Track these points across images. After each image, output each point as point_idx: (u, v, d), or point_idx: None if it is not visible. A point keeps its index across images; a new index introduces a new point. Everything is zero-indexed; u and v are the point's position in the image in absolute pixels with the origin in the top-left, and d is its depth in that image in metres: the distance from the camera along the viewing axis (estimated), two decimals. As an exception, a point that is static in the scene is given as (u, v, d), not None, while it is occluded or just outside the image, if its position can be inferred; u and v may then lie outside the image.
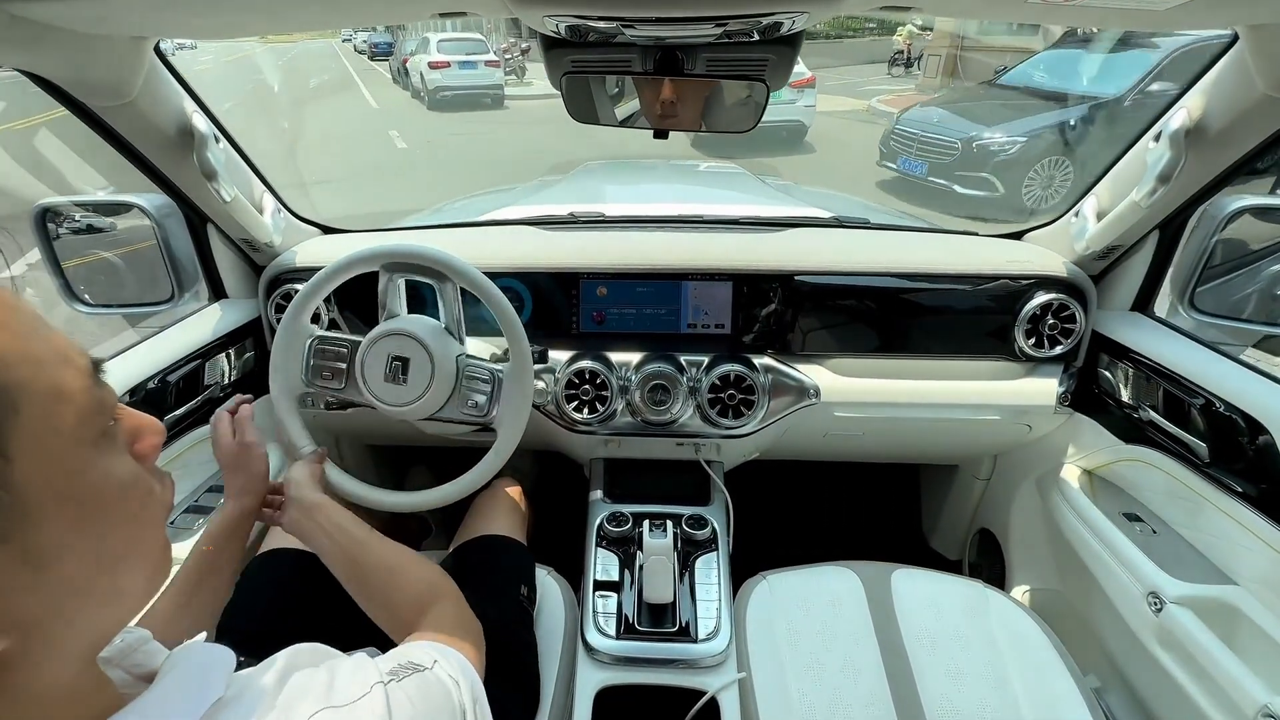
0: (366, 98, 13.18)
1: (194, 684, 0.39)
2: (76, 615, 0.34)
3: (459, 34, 12.42)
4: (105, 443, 0.36)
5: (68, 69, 0.83)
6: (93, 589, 0.35)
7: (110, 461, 0.36)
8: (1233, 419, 0.97)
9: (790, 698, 0.95)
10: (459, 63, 11.54)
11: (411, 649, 0.54)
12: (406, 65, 13.08)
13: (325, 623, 0.95)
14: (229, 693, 0.40)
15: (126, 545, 0.37)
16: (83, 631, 0.35)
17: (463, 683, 0.52)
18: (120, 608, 0.38)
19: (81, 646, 0.36)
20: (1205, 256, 1.11)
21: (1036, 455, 1.41)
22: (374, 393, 1.00)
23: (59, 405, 0.32)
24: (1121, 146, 1.12)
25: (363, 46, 19.94)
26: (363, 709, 0.41)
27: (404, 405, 1.00)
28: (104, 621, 0.37)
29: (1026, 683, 0.97)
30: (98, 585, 0.35)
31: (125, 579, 0.37)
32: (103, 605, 0.36)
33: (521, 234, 1.42)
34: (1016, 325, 1.25)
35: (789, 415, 1.30)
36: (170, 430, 1.12)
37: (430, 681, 0.49)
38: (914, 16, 1.26)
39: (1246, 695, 0.83)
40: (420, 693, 0.46)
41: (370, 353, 1.00)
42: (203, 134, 1.01)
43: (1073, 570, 1.23)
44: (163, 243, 1.19)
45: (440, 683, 0.49)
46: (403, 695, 0.44)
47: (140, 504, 0.38)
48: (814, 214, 1.58)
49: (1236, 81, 0.87)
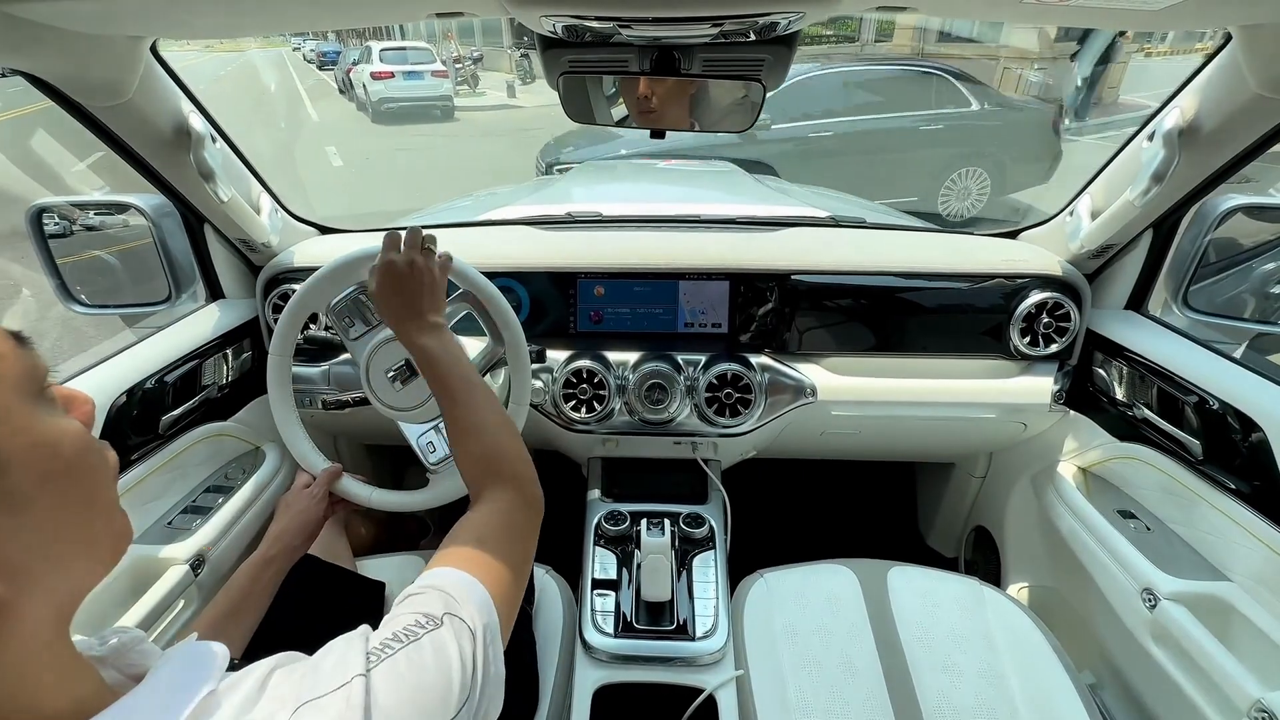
0: (308, 110, 12.37)
1: (185, 679, 0.39)
2: (56, 562, 0.36)
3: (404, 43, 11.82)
4: (46, 403, 0.37)
5: (64, 69, 0.83)
6: (65, 536, 0.36)
7: (58, 419, 0.38)
8: (1226, 416, 0.98)
9: (787, 695, 0.96)
10: (403, 73, 11.06)
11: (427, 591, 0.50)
12: (350, 76, 12.50)
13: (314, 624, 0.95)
14: (221, 686, 0.39)
15: (89, 503, 0.38)
16: (60, 583, 0.36)
17: (477, 630, 0.48)
18: (87, 567, 0.39)
19: (59, 598, 0.37)
20: (1198, 255, 1.11)
21: (1032, 453, 1.42)
22: (382, 399, 1.01)
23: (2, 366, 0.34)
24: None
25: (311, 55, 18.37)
26: (339, 699, 0.39)
27: (401, 410, 1.00)
28: (73, 579, 0.38)
29: (1022, 679, 0.97)
30: (69, 533, 0.36)
31: (92, 535, 0.38)
32: (72, 562, 0.37)
33: (519, 234, 1.42)
34: (1012, 324, 1.26)
35: (786, 414, 1.30)
36: (167, 431, 1.12)
37: (424, 651, 0.44)
38: (909, 16, 1.27)
39: (1240, 690, 0.84)
40: (412, 667, 0.43)
41: (380, 352, 1.00)
42: (199, 134, 1.01)
43: (1068, 567, 1.24)
44: (159, 243, 1.19)
45: (440, 648, 0.45)
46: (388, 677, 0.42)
47: (96, 463, 0.39)
48: (810, 213, 1.59)
49: (1229, 81, 0.87)
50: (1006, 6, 0.88)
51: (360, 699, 0.39)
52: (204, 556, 1.06)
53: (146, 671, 0.40)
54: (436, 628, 0.46)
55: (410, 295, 0.83)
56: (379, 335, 1.00)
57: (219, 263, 1.29)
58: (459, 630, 0.47)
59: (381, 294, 0.84)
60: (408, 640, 0.45)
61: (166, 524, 1.09)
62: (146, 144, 1.01)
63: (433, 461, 1.05)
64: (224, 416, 1.28)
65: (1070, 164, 5.54)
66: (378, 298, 0.85)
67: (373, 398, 1.02)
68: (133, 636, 0.44)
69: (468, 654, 0.46)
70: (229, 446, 1.29)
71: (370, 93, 11.15)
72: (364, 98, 11.52)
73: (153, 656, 0.43)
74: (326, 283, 1.02)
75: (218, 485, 1.22)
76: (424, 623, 0.46)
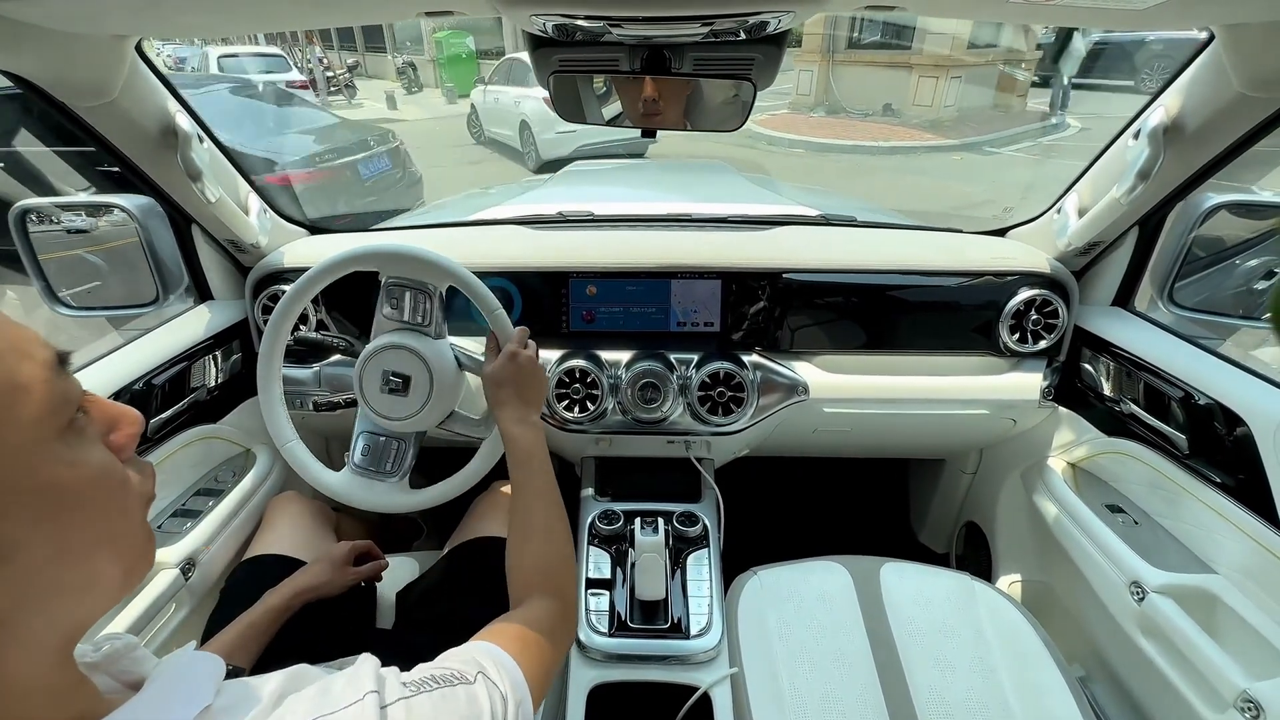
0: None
1: (182, 690, 0.39)
2: (44, 608, 0.34)
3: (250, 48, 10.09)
4: (71, 436, 0.35)
5: (47, 69, 0.82)
6: (60, 581, 0.34)
7: (76, 454, 0.35)
8: (1211, 411, 0.99)
9: (782, 691, 0.96)
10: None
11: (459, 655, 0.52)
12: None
13: (308, 628, 0.94)
14: (219, 701, 0.39)
15: (97, 537, 0.36)
16: (53, 624, 0.35)
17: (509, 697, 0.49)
18: (94, 599, 0.37)
19: (55, 639, 0.36)
20: (1183, 252, 1.13)
21: (1021, 449, 1.43)
22: (373, 406, 1.00)
23: (15, 398, 0.32)
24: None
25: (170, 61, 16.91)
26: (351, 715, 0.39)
27: (401, 419, 1.00)
28: (76, 613, 0.37)
29: (1013, 673, 0.98)
30: (66, 578, 0.35)
31: (98, 569, 0.37)
32: (73, 597, 0.36)
33: (510, 233, 1.42)
34: (1001, 321, 1.27)
35: (778, 412, 1.31)
36: (156, 434, 1.11)
37: (458, 698, 0.46)
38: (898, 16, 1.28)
39: (1226, 681, 0.85)
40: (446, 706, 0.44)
41: (368, 367, 0.99)
42: (186, 133, 1.00)
43: (1057, 561, 1.25)
44: (146, 244, 1.17)
45: (473, 700, 0.46)
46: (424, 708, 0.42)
47: (110, 496, 0.37)
48: (801, 212, 1.59)
49: (1212, 80, 0.89)
50: (993, 6, 0.89)
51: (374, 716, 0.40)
52: (194, 560, 1.05)
53: (140, 678, 0.40)
54: (470, 683, 0.48)
55: (525, 389, 0.90)
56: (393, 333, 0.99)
57: (207, 264, 1.28)
58: (492, 690, 0.49)
59: (499, 380, 0.90)
60: (444, 684, 0.46)
61: (156, 527, 1.08)
62: (133, 144, 1.00)
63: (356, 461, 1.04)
64: (214, 419, 1.27)
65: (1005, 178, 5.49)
66: (494, 383, 0.90)
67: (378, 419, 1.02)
68: (126, 643, 0.44)
69: (499, 712, 0.47)
70: (219, 449, 1.28)
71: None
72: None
73: (147, 663, 0.43)
74: (317, 283, 1.01)
75: (208, 488, 1.21)
76: (460, 674, 0.48)
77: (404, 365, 0.98)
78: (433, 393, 0.98)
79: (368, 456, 1.04)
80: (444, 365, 1.00)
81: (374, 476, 1.03)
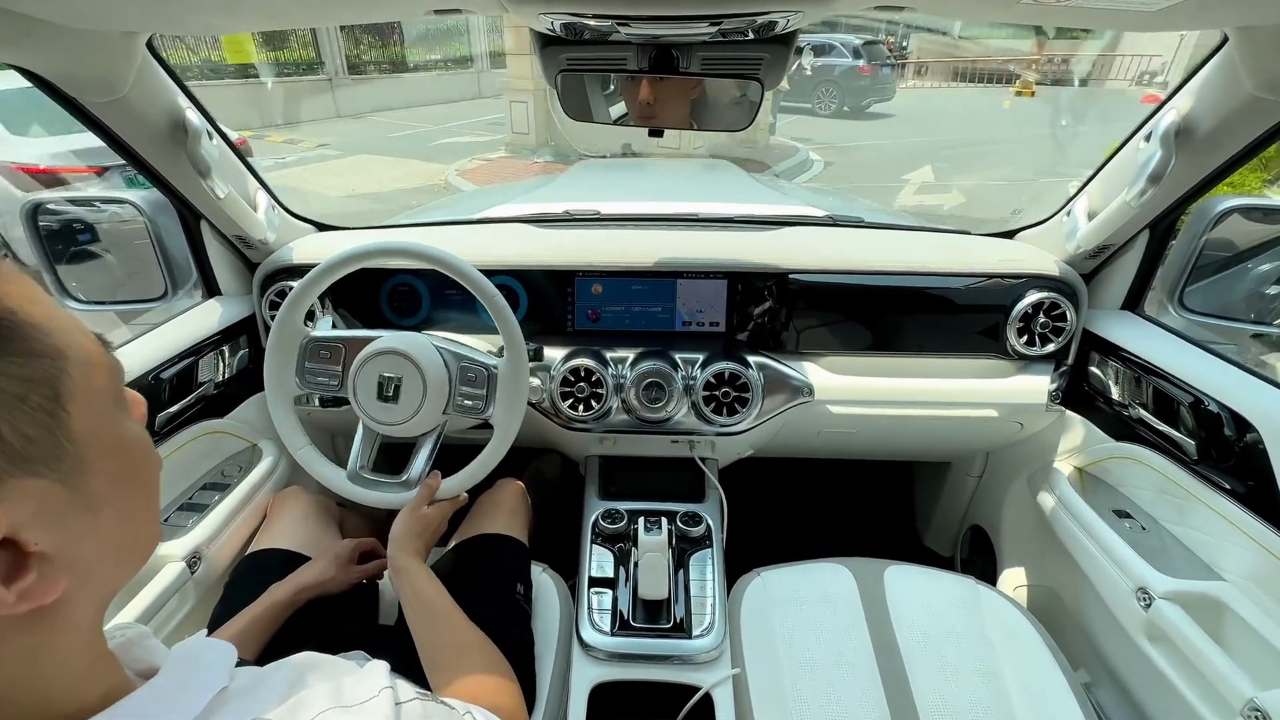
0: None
1: (199, 673, 0.40)
2: (110, 561, 0.37)
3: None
4: (123, 405, 0.39)
5: (59, 64, 0.83)
6: (121, 538, 0.38)
7: (130, 423, 0.39)
8: (1221, 417, 0.99)
9: (784, 693, 0.96)
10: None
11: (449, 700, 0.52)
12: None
13: (312, 623, 0.95)
14: (234, 684, 0.41)
15: (144, 501, 0.40)
16: (109, 581, 0.38)
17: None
18: (129, 567, 0.40)
19: (103, 594, 0.38)
20: (1194, 256, 1.12)
21: (1028, 452, 1.42)
22: (367, 412, 1.01)
23: (91, 367, 0.35)
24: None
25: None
26: (371, 710, 0.41)
27: (396, 424, 1.00)
28: (117, 578, 0.39)
29: (1018, 678, 0.98)
30: (124, 535, 0.38)
31: (140, 532, 0.40)
32: (123, 560, 0.39)
33: (517, 231, 1.42)
34: (1008, 323, 1.26)
35: (783, 413, 1.31)
36: (163, 428, 1.12)
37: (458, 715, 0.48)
38: (908, 16, 1.27)
39: (1234, 689, 0.85)
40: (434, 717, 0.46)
41: (360, 373, 0.99)
42: (196, 129, 1.01)
43: (1063, 566, 1.24)
44: (155, 239, 1.18)
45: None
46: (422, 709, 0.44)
47: (150, 466, 0.41)
48: (808, 212, 1.59)
49: (1225, 82, 0.88)
50: (1004, 7, 0.88)
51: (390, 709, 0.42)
52: (200, 554, 1.05)
53: (152, 666, 0.41)
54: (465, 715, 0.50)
55: (419, 537, 0.97)
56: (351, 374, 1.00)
57: (215, 259, 1.28)
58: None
59: (402, 527, 0.96)
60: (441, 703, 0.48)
61: (163, 521, 1.09)
62: (142, 140, 1.00)
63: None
64: (221, 414, 1.27)
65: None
66: (397, 527, 0.96)
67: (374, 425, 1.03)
68: (138, 632, 0.45)
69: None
70: (225, 444, 1.29)
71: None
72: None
73: (158, 652, 0.44)
74: (325, 278, 1.01)
75: (214, 483, 1.22)
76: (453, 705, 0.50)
77: (395, 369, 0.98)
78: (425, 395, 0.98)
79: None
80: (436, 367, 1.00)
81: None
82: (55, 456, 0.32)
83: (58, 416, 0.32)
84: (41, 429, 0.31)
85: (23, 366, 0.31)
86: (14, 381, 0.30)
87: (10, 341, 0.31)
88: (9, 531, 0.30)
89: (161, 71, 0.97)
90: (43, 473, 0.31)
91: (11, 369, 0.30)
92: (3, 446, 0.30)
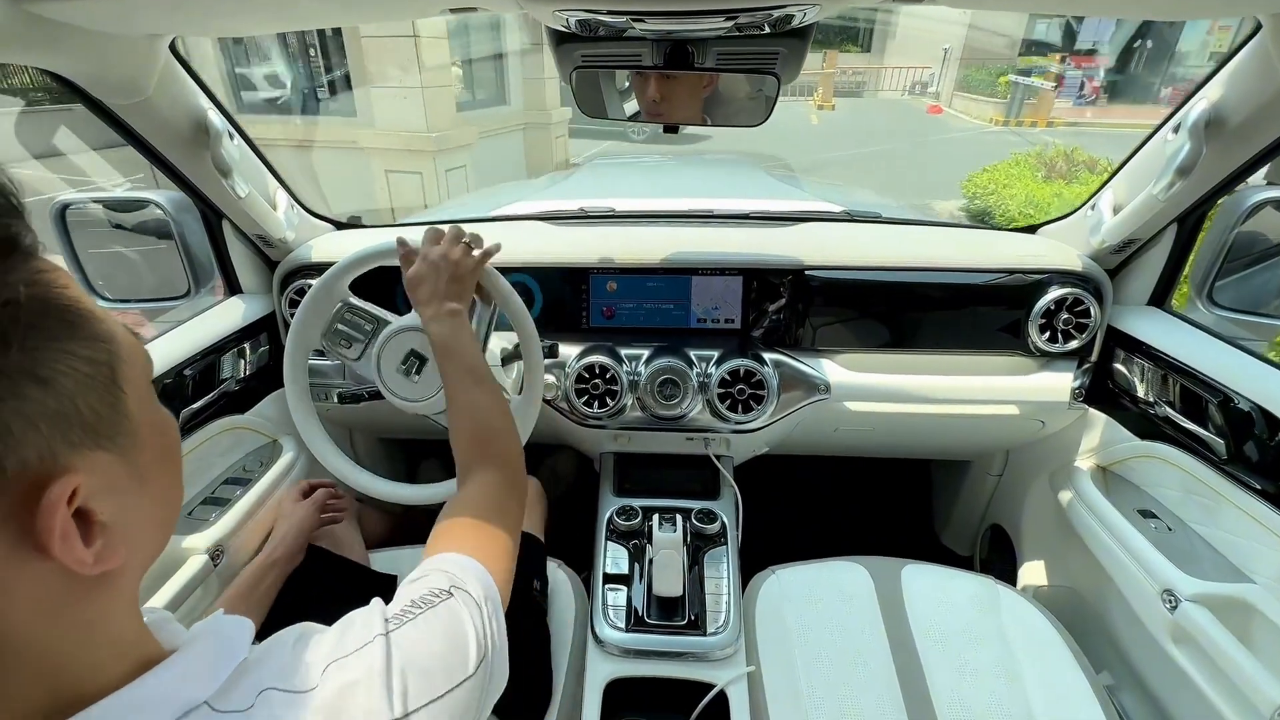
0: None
1: (224, 646, 0.42)
2: (150, 533, 0.40)
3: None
4: (154, 390, 0.42)
5: (85, 67, 0.84)
6: (160, 512, 0.41)
7: (161, 406, 0.42)
8: (1252, 415, 0.96)
9: (799, 691, 0.95)
10: None
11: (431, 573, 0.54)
12: None
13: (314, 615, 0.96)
14: (252, 655, 0.43)
15: (175, 479, 0.43)
16: (149, 553, 0.41)
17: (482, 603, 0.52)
18: (164, 536, 0.43)
19: (144, 567, 0.41)
20: (1224, 250, 1.09)
21: (1050, 451, 1.39)
22: (387, 383, 1.02)
23: (134, 352, 0.38)
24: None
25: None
26: (364, 656, 0.43)
27: (413, 400, 1.01)
28: (156, 546, 0.42)
29: (1038, 679, 0.96)
30: (162, 509, 0.41)
31: (172, 507, 0.43)
32: (160, 530, 0.42)
33: (532, 229, 1.43)
34: (1030, 320, 1.24)
35: (799, 410, 1.30)
36: (186, 424, 1.14)
37: (440, 615, 0.48)
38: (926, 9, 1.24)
39: (1263, 695, 0.83)
40: (431, 628, 0.47)
41: (390, 344, 1.01)
42: (217, 130, 1.02)
43: (1086, 567, 1.22)
44: (179, 238, 1.21)
45: (454, 612, 0.49)
46: (410, 637, 0.46)
47: (178, 449, 0.44)
48: (825, 208, 1.57)
49: (1258, 72, 0.85)
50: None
51: (382, 654, 0.43)
52: (223, 547, 1.07)
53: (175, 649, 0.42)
54: (449, 598, 0.50)
55: (441, 282, 0.88)
56: (375, 347, 1.02)
57: (236, 258, 1.31)
58: (466, 601, 0.51)
59: (413, 280, 0.89)
60: (425, 607, 0.49)
61: (187, 514, 1.12)
62: (166, 141, 1.02)
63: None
64: (242, 410, 1.29)
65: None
66: (409, 283, 0.90)
67: (391, 396, 1.03)
68: (163, 616, 0.47)
69: (478, 622, 0.50)
70: (247, 439, 1.31)
71: None
72: None
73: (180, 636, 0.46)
74: (343, 276, 1.02)
75: (236, 477, 1.24)
76: (437, 593, 0.50)
77: (425, 347, 0.99)
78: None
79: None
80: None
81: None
82: (119, 431, 0.36)
83: (117, 395, 0.36)
84: (107, 405, 0.35)
85: (89, 349, 0.34)
86: (84, 362, 0.34)
87: (79, 327, 0.34)
88: (83, 500, 0.33)
89: (184, 74, 0.99)
90: (109, 446, 0.35)
91: (82, 350, 0.34)
92: (79, 420, 0.33)
